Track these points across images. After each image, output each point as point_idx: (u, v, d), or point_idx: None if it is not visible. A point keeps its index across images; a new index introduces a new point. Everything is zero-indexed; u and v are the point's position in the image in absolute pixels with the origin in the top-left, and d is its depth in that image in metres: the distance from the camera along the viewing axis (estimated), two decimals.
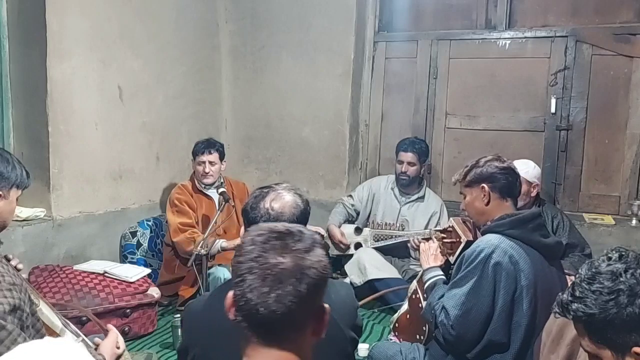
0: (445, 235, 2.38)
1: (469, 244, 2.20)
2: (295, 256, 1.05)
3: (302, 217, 1.68)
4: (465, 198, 2.21)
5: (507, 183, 2.13)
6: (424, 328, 2.27)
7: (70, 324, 1.87)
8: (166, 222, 3.65)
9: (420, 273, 2.42)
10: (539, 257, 2.05)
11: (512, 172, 2.15)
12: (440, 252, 2.37)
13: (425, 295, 2.28)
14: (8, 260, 1.76)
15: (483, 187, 2.12)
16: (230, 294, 1.08)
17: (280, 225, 1.12)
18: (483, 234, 2.13)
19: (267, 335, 1.06)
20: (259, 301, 1.02)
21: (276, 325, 1.04)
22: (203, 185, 3.60)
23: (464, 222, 2.38)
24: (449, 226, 2.40)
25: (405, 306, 2.55)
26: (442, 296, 2.09)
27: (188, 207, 3.53)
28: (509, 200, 2.14)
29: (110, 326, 1.89)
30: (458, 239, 2.30)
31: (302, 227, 1.14)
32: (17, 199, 1.80)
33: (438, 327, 2.06)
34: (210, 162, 3.55)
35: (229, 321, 1.10)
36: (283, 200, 1.66)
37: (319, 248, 1.10)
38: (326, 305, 1.11)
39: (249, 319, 1.05)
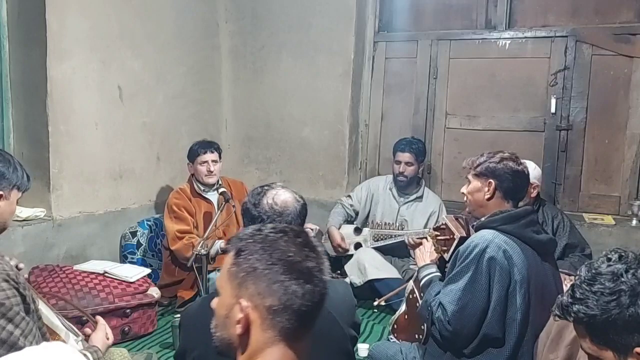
0: (438, 233, 2.40)
1: (462, 240, 2.21)
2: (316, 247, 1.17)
3: (304, 211, 1.73)
4: (469, 185, 2.21)
5: (514, 186, 2.13)
6: (422, 327, 2.27)
7: (70, 324, 1.88)
8: (162, 234, 3.65)
9: (416, 272, 2.43)
10: (532, 253, 2.06)
11: (523, 177, 2.15)
12: (435, 249, 2.38)
13: (421, 294, 2.28)
14: None
15: (490, 183, 2.13)
16: (272, 302, 1.08)
17: (283, 226, 1.18)
18: (476, 229, 2.14)
19: (309, 327, 1.14)
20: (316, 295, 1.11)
21: (316, 314, 1.14)
22: (202, 188, 3.58)
23: (456, 218, 2.40)
24: (442, 224, 2.42)
25: (403, 307, 2.55)
26: (438, 293, 2.11)
27: (186, 213, 3.50)
28: (510, 202, 2.14)
29: (98, 317, 1.92)
30: (451, 236, 2.32)
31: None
32: (17, 201, 1.81)
33: (435, 323, 2.07)
34: (213, 161, 3.54)
35: None
36: (284, 195, 1.70)
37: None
38: None
39: (303, 316, 1.10)
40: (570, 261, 3.06)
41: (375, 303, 3.07)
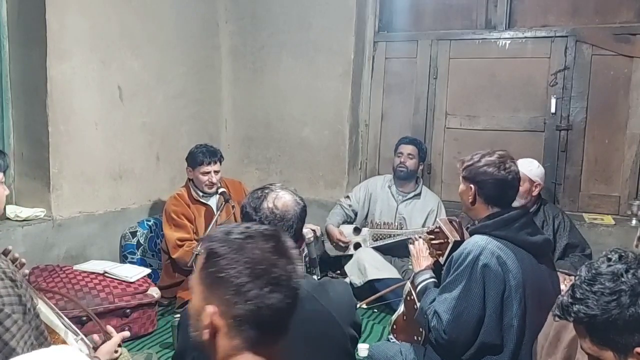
0: (432, 237, 2.35)
1: (456, 244, 2.18)
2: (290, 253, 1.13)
3: (304, 213, 1.71)
4: (460, 185, 2.21)
5: (494, 194, 2.08)
6: (421, 329, 2.27)
7: (70, 323, 1.88)
8: (162, 234, 3.63)
9: (412, 275, 2.42)
10: (527, 256, 2.04)
11: (506, 184, 2.08)
12: (429, 253, 2.35)
13: (418, 297, 2.28)
14: (5, 254, 1.77)
15: (471, 187, 2.11)
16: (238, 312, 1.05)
17: (254, 229, 1.14)
18: (470, 234, 2.13)
19: (279, 334, 1.10)
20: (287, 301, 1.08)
21: (285, 322, 1.10)
22: (201, 194, 3.53)
23: (450, 221, 2.36)
24: (436, 227, 2.38)
25: (401, 308, 2.55)
26: (434, 300, 2.09)
27: (186, 220, 3.45)
28: (494, 208, 2.10)
29: (110, 329, 1.89)
30: (446, 240, 2.27)
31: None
32: (5, 185, 1.82)
33: (431, 331, 2.06)
34: (216, 171, 3.49)
35: None
36: (284, 199, 1.68)
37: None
38: None
39: (268, 321, 1.07)
40: (571, 261, 3.06)
41: (358, 305, 3.05)
